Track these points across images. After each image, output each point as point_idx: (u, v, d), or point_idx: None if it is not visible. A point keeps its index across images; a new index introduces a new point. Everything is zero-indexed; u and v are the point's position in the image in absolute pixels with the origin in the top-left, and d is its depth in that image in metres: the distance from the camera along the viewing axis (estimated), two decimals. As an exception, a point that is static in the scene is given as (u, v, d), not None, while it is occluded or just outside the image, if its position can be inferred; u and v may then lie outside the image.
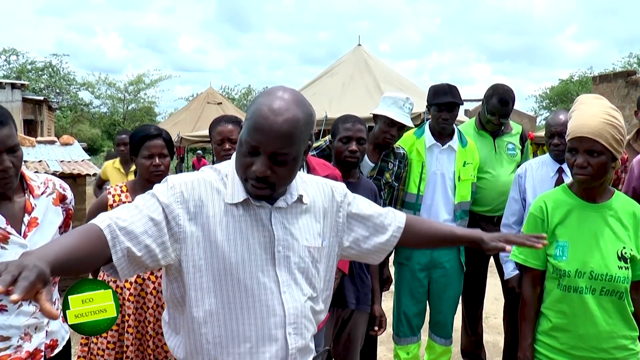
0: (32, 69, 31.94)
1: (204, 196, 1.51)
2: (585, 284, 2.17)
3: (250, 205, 1.54)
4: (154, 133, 2.74)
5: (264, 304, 1.52)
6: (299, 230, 1.61)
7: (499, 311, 5.48)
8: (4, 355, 2.02)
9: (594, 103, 2.23)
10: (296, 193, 1.61)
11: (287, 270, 1.57)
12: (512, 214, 3.49)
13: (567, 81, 35.60)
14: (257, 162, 1.46)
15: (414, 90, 11.61)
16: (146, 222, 1.43)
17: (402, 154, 3.59)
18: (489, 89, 3.79)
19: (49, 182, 2.23)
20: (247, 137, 1.46)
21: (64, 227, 2.30)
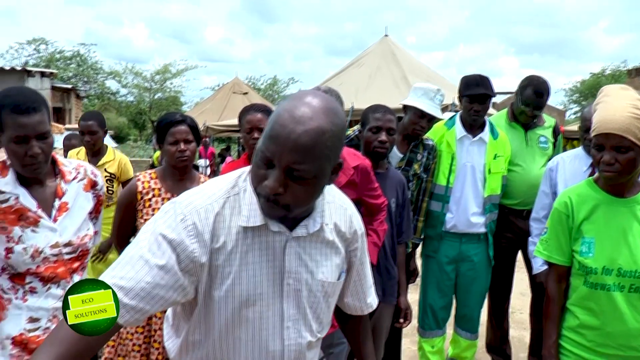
0: (61, 58, 32.44)
1: (219, 224, 1.34)
2: (613, 281, 2.11)
3: (266, 230, 1.36)
4: (178, 119, 2.73)
5: (262, 338, 1.41)
6: (316, 262, 1.44)
7: (525, 306, 5.42)
8: (32, 336, 2.05)
9: (620, 95, 2.11)
10: (320, 220, 1.42)
11: (295, 305, 1.43)
12: (542, 207, 3.42)
13: (599, 75, 34.96)
14: (270, 176, 1.25)
15: (440, 82, 11.50)
16: (157, 274, 1.28)
17: (431, 145, 3.55)
18: (524, 80, 3.72)
19: (80, 168, 2.26)
20: (262, 146, 1.26)
21: (95, 213, 2.32)
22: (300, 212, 1.36)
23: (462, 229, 3.57)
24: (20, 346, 2.04)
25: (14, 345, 2.04)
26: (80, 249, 2.15)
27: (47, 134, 1.99)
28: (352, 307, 1.71)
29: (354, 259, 1.59)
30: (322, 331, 1.54)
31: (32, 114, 1.93)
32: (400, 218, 3.09)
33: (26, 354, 2.05)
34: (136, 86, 37.31)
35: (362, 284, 1.68)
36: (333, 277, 1.49)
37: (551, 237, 2.29)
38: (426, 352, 3.73)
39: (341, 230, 1.51)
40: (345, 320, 1.80)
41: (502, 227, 3.78)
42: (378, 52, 11.84)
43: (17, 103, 1.93)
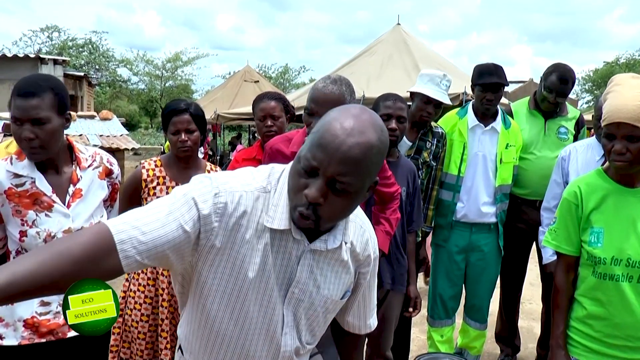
0: (73, 45, 32.57)
1: (247, 215, 1.32)
2: (622, 271, 2.09)
3: (288, 236, 1.35)
4: (181, 108, 2.68)
5: (261, 339, 1.41)
6: (325, 279, 1.43)
7: (534, 296, 5.41)
8: (43, 320, 2.09)
9: (632, 84, 2.08)
10: (340, 237, 1.40)
11: (293, 312, 1.42)
12: (553, 197, 3.39)
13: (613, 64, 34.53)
14: (312, 185, 1.22)
15: (452, 70, 11.42)
16: (176, 231, 1.25)
17: (440, 133, 3.53)
18: (549, 66, 3.66)
19: (96, 156, 2.28)
20: (308, 153, 1.23)
21: (110, 201, 2.35)
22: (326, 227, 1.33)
23: (473, 219, 3.56)
24: (31, 329, 2.08)
25: (25, 328, 2.07)
26: (93, 236, 2.17)
27: (44, 119, 1.98)
28: (352, 326, 1.69)
29: (362, 280, 1.57)
30: (312, 344, 1.54)
31: (28, 98, 1.95)
32: (410, 207, 3.09)
33: (37, 336, 2.08)
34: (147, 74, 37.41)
35: (366, 305, 1.66)
36: (337, 296, 1.47)
37: (560, 226, 2.27)
38: (435, 341, 3.73)
39: (356, 251, 1.49)
40: (341, 336, 1.77)
41: (515, 217, 3.76)
42: (390, 40, 11.75)
43: (20, 86, 1.98)
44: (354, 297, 1.61)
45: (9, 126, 5.31)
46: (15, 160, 2.08)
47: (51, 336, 2.10)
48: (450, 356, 3.10)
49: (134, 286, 2.66)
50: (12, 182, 2.05)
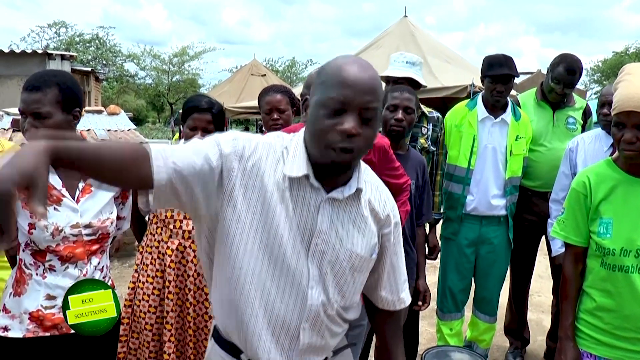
0: (80, 41, 32.65)
1: (264, 160, 1.40)
2: (632, 262, 2.07)
3: (305, 186, 1.41)
4: (204, 107, 2.67)
5: (286, 291, 1.42)
6: (347, 231, 1.46)
7: (542, 289, 5.40)
8: (48, 313, 2.09)
9: None
10: (355, 185, 1.45)
11: (318, 266, 1.44)
12: (561, 189, 3.37)
13: (622, 54, 34.23)
14: (346, 120, 1.31)
15: (460, 62, 11.39)
16: (202, 163, 1.33)
17: (435, 117, 3.55)
18: (556, 57, 3.64)
19: None
20: (332, 94, 1.32)
21: (122, 199, 2.36)
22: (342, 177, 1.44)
23: (483, 212, 3.54)
24: (36, 321, 2.09)
25: (30, 321, 2.08)
26: (101, 232, 2.18)
27: (44, 114, 1.99)
28: (385, 301, 1.68)
29: (387, 243, 1.59)
30: (345, 307, 1.53)
31: (32, 91, 1.98)
32: (420, 200, 3.07)
33: (41, 330, 2.09)
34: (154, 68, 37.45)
35: (397, 276, 1.66)
36: (362, 251, 1.49)
37: (568, 217, 2.25)
38: (444, 334, 3.73)
39: (375, 209, 1.54)
40: (375, 316, 1.75)
41: (525, 209, 3.74)
42: (397, 33, 11.73)
43: (29, 80, 2.01)
44: (383, 265, 1.62)
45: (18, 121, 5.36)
46: None
47: (55, 330, 2.11)
48: (460, 349, 3.09)
49: (142, 277, 2.67)
50: None
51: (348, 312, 1.57)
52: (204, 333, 2.67)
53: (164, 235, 2.64)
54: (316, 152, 1.38)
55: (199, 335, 2.68)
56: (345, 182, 1.45)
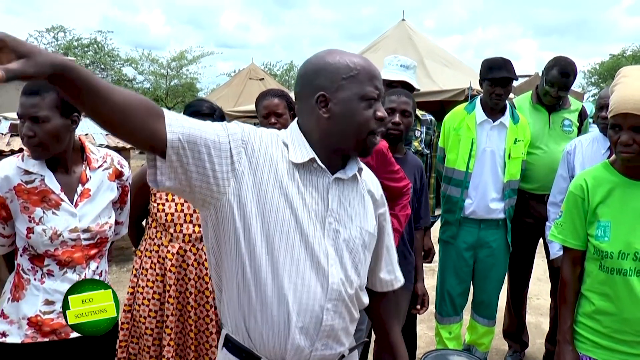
0: (78, 45, 32.63)
1: (270, 147, 1.46)
2: (630, 265, 2.06)
3: (311, 170, 1.48)
4: (205, 112, 2.67)
5: (307, 271, 1.43)
6: (354, 209, 1.54)
7: (541, 292, 5.40)
8: (47, 319, 2.09)
9: (639, 75, 2.07)
10: (356, 166, 1.55)
11: (334, 245, 1.48)
12: (559, 192, 3.37)
13: (619, 56, 34.22)
14: (380, 108, 1.49)
15: (458, 65, 11.41)
16: (213, 135, 1.36)
17: (429, 120, 3.58)
18: (550, 60, 3.65)
19: (107, 157, 2.30)
20: (369, 87, 1.47)
21: (120, 204, 2.35)
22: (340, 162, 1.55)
23: (481, 215, 3.54)
24: (35, 327, 2.08)
25: (29, 326, 2.08)
26: (99, 237, 2.17)
27: (42, 118, 2.00)
28: (385, 282, 1.75)
29: (383, 222, 1.69)
30: (361, 288, 1.58)
31: (30, 96, 1.99)
32: (418, 203, 3.07)
33: (40, 335, 2.09)
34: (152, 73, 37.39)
35: (392, 256, 1.77)
36: (370, 226, 1.58)
37: (566, 220, 2.26)
38: (443, 338, 3.72)
39: (371, 190, 1.64)
40: (373, 301, 1.75)
41: (523, 212, 3.74)
42: (395, 36, 11.75)
43: (27, 85, 2.02)
44: (381, 245, 1.71)
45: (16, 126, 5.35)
46: (26, 157, 2.10)
47: (54, 336, 2.11)
48: (458, 352, 3.09)
49: (142, 282, 2.67)
50: (22, 178, 2.07)
51: (363, 296, 1.61)
52: (205, 336, 2.67)
53: (164, 239, 2.63)
54: (351, 142, 1.49)
55: (200, 339, 2.68)
56: (343, 166, 1.55)
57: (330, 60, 1.49)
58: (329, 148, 1.50)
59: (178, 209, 2.61)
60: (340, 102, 1.46)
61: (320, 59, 1.51)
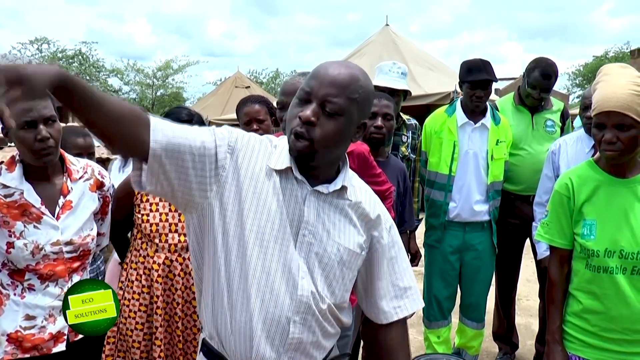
0: (63, 56, 32.53)
1: (256, 152, 1.46)
2: (616, 263, 2.08)
3: (290, 178, 1.45)
4: (184, 118, 2.68)
5: (277, 281, 1.40)
6: (333, 224, 1.48)
7: (530, 293, 5.40)
8: (28, 334, 2.05)
9: (620, 73, 2.08)
10: (341, 182, 1.49)
11: (305, 258, 1.44)
12: (545, 192, 3.38)
13: (602, 57, 34.64)
14: (306, 108, 1.40)
15: (443, 69, 11.44)
16: (199, 144, 1.36)
17: (414, 124, 3.60)
18: (531, 62, 3.67)
19: (88, 168, 2.27)
20: (303, 86, 1.43)
21: (101, 215, 2.32)
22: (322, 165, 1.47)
23: (466, 218, 3.53)
24: (15, 343, 2.04)
25: (8, 342, 2.04)
26: (82, 249, 2.14)
27: (53, 117, 2.02)
28: (385, 313, 1.60)
29: (377, 245, 1.58)
30: (337, 306, 1.51)
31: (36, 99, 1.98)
32: (401, 207, 3.07)
33: (20, 352, 2.05)
34: (138, 83, 37.33)
35: (393, 282, 1.61)
36: (350, 244, 1.50)
37: (552, 220, 2.26)
38: (432, 342, 3.71)
39: (365, 210, 1.55)
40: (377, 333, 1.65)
41: (508, 213, 3.75)
42: (379, 41, 11.79)
43: None
44: (377, 269, 1.59)
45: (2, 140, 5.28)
46: (4, 171, 2.07)
47: (35, 352, 2.07)
48: (448, 356, 3.08)
49: (128, 294, 2.64)
50: (1, 192, 2.03)
51: (341, 313, 1.54)
52: (193, 346, 2.64)
53: (149, 250, 2.61)
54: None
55: (187, 349, 2.65)
56: (330, 180, 1.50)
57: None
58: None
59: (163, 219, 2.59)
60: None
61: None
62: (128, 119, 1.26)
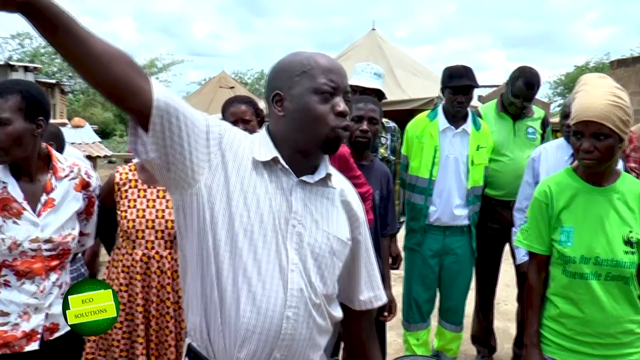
0: (45, 52, 32.09)
1: (242, 144, 1.46)
2: (591, 270, 2.13)
3: (276, 170, 1.46)
4: None
5: (269, 275, 1.39)
6: (321, 215, 1.49)
7: (509, 297, 5.45)
8: (0, 331, 2.02)
9: (599, 83, 2.13)
10: (324, 170, 1.51)
11: (297, 249, 1.43)
12: (525, 198, 3.42)
13: (583, 67, 35.08)
14: (339, 102, 1.45)
15: (428, 75, 11.53)
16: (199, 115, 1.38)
17: (393, 127, 3.62)
18: (515, 71, 3.72)
19: (74, 167, 2.24)
20: (322, 80, 1.43)
21: (86, 215, 2.30)
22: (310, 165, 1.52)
23: (446, 222, 3.56)
24: None
25: None
26: (61, 248, 2.12)
27: (3, 120, 1.95)
28: (363, 301, 1.68)
29: (359, 237, 1.62)
30: (328, 297, 1.51)
31: None
32: (384, 210, 3.08)
33: None
34: (122, 81, 36.99)
35: (372, 271, 1.69)
36: (340, 233, 1.52)
37: (531, 226, 2.30)
38: (411, 344, 3.73)
39: (348, 199, 1.59)
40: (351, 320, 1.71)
41: (489, 218, 3.79)
42: (365, 45, 11.84)
43: None
44: (358, 260, 1.65)
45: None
46: None
47: (6, 349, 2.03)
48: (427, 358, 3.11)
49: None
50: None
51: (332, 305, 1.54)
52: (164, 348, 2.64)
53: (128, 247, 2.61)
54: (309, 138, 1.45)
55: (161, 349, 2.65)
56: (312, 171, 1.51)
57: (288, 59, 1.49)
58: (292, 148, 1.47)
59: (140, 215, 2.59)
60: (294, 99, 1.44)
61: (281, 60, 1.51)
62: (122, 60, 1.21)
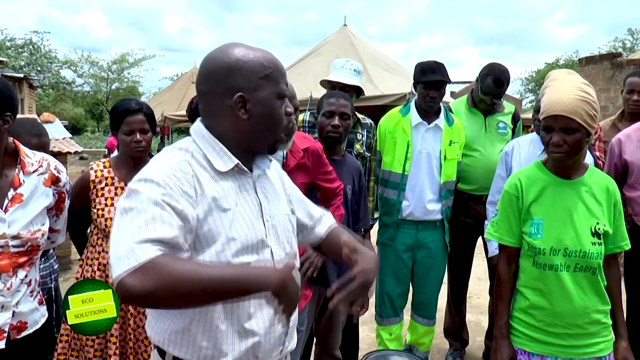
0: (12, 45, 31.42)
1: (197, 175, 1.40)
2: (560, 261, 2.17)
3: (236, 175, 1.48)
4: (134, 108, 2.65)
5: None
6: (275, 198, 1.59)
7: (482, 291, 5.52)
8: None
9: (567, 79, 2.19)
10: (267, 159, 1.59)
11: (276, 241, 1.53)
12: (497, 191, 3.45)
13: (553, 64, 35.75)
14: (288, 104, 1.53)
15: (400, 71, 11.56)
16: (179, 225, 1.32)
17: (369, 124, 3.62)
18: (484, 68, 3.75)
19: (43, 162, 2.18)
20: (282, 86, 1.50)
21: (56, 211, 2.25)
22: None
23: (419, 217, 3.58)
24: None
25: None
26: (30, 244, 2.07)
27: None
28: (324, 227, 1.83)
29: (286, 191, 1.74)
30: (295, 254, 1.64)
31: None
32: (356, 205, 3.09)
33: None
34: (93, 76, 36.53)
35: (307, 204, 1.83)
36: (289, 211, 1.65)
37: (502, 218, 2.33)
38: (384, 339, 3.74)
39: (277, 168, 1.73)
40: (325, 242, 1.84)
41: (462, 212, 3.82)
42: (337, 41, 11.82)
43: None
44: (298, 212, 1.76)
45: None
46: None
47: None
48: (399, 352, 3.12)
49: None
50: None
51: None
52: (144, 345, 2.61)
53: (104, 245, 2.57)
54: (268, 141, 1.52)
55: (139, 348, 2.62)
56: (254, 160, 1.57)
57: (242, 57, 1.44)
58: (244, 149, 1.50)
59: None
60: (260, 102, 1.45)
61: (229, 55, 1.45)
62: None
